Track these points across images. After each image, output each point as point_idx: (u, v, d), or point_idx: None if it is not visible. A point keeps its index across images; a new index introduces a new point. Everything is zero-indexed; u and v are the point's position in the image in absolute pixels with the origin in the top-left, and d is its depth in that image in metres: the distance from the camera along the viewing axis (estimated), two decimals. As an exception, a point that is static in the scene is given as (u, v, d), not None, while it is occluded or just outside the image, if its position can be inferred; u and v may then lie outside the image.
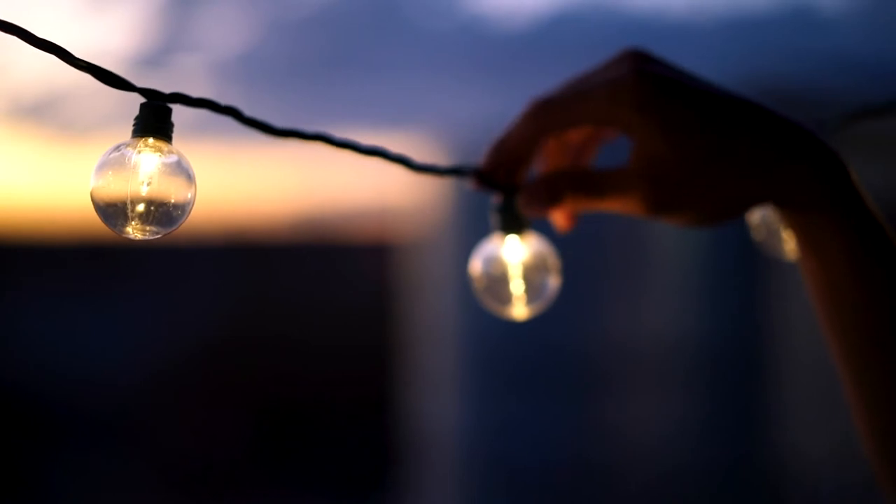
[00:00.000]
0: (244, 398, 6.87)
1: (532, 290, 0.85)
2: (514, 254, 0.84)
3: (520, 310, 0.85)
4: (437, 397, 5.03)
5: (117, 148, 0.69)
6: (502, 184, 0.85)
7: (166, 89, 0.71)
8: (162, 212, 0.69)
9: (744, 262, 4.75)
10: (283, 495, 6.41)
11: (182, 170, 0.69)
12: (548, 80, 0.84)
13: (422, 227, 5.43)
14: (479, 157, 0.86)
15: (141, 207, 0.68)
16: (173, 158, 0.69)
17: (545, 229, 0.88)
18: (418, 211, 5.46)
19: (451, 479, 5.06)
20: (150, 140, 0.69)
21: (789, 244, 0.97)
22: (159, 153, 0.69)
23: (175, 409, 6.70)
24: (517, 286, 0.85)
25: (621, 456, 4.68)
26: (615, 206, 0.82)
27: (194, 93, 0.72)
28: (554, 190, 0.82)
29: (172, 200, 0.69)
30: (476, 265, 0.85)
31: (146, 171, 0.69)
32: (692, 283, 4.89)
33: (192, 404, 6.71)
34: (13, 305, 7.13)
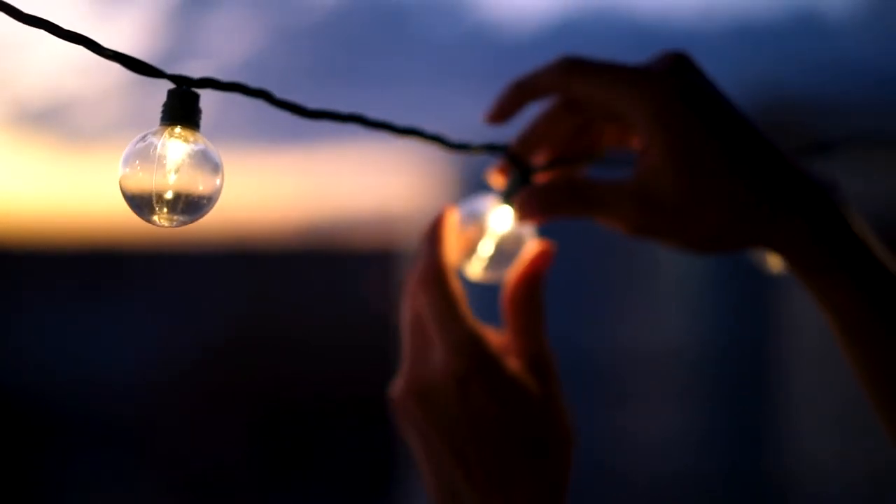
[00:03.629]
0: (249, 403, 6.88)
1: (496, 260, 0.85)
2: (499, 221, 0.84)
3: (475, 270, 0.85)
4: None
5: (144, 137, 0.68)
6: (522, 163, 0.84)
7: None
8: (189, 201, 0.68)
9: (749, 270, 4.74)
10: (286, 500, 6.41)
11: (209, 158, 0.68)
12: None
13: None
14: (485, 165, 0.86)
15: (168, 196, 0.67)
16: (200, 147, 0.68)
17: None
18: (421, 218, 5.46)
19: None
20: (178, 129, 0.68)
21: None
22: (186, 142, 0.68)
23: (180, 414, 6.71)
24: (486, 248, 0.85)
25: (627, 461, 4.67)
26: (605, 222, 0.81)
27: (201, 96, 0.71)
28: (548, 202, 0.82)
29: (200, 189, 0.68)
30: (457, 215, 0.85)
31: (173, 159, 0.68)
32: (697, 290, 4.89)
33: (197, 409, 6.72)
34: (19, 310, 7.14)
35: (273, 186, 6.85)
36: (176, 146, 0.68)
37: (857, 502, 4.33)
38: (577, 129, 0.85)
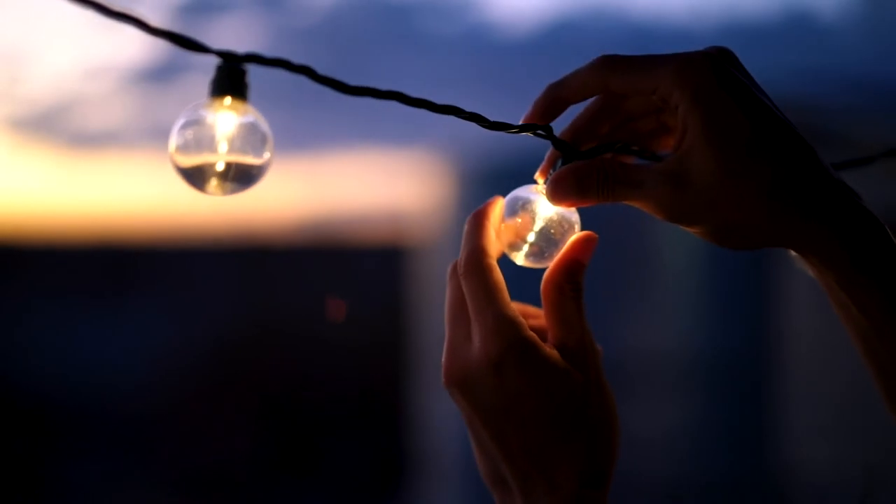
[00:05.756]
0: (254, 401, 6.87)
1: (544, 249, 0.86)
2: (546, 208, 0.85)
3: (523, 258, 0.86)
4: (448, 401, 5.02)
5: (195, 109, 0.70)
6: (564, 145, 0.85)
7: (175, 96, 0.71)
8: (241, 170, 0.69)
9: (753, 272, 4.76)
10: (294, 496, 6.40)
11: (259, 129, 0.70)
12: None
13: (431, 231, 5.44)
14: (489, 166, 0.86)
15: (220, 167, 0.69)
16: (250, 118, 0.70)
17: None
18: (428, 215, 5.47)
19: (460, 483, 5.05)
20: (227, 100, 0.70)
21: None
22: (236, 113, 0.70)
23: (186, 412, 6.70)
24: (533, 236, 0.86)
25: (628, 461, 4.68)
26: (638, 205, 0.81)
27: (204, 101, 0.72)
28: (581, 183, 0.81)
29: (251, 159, 0.70)
30: (502, 204, 0.86)
31: (224, 131, 0.69)
32: (699, 293, 4.90)
33: (203, 407, 6.71)
34: (27, 309, 7.13)
35: (281, 185, 6.86)
36: (226, 118, 0.70)
37: (856, 502, 4.33)
38: (618, 125, 0.86)
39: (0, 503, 6.24)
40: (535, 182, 0.87)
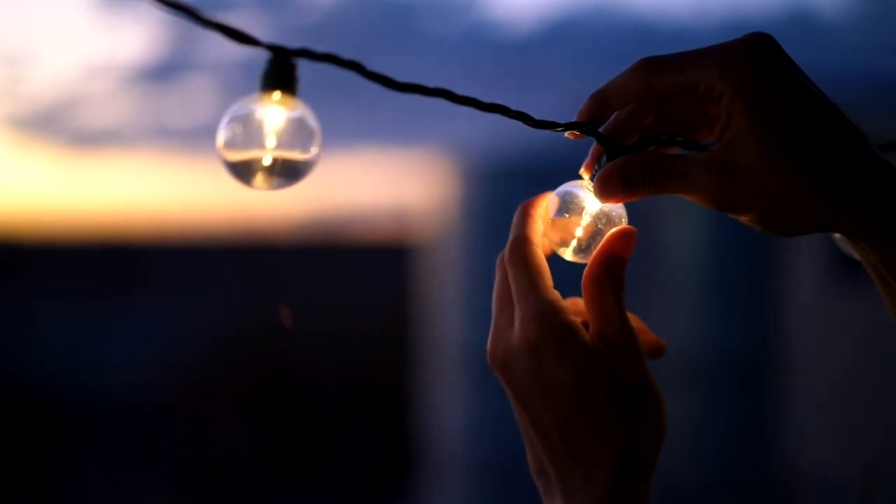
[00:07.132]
0: (258, 398, 6.88)
1: (592, 244, 0.86)
2: (592, 203, 0.86)
3: (572, 253, 0.87)
4: (453, 399, 5.04)
5: (244, 103, 0.70)
6: (610, 141, 0.85)
7: (176, 95, 0.71)
8: (288, 165, 0.70)
9: (753, 273, 4.77)
10: (295, 496, 6.41)
11: (307, 124, 0.70)
12: (551, 86, 0.84)
13: (436, 228, 5.45)
14: (486, 173, 0.86)
15: (267, 161, 0.69)
16: (298, 114, 0.70)
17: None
18: (432, 212, 5.48)
19: (464, 483, 5.06)
20: (276, 95, 0.70)
21: None
22: (285, 108, 0.70)
23: (190, 409, 6.72)
24: (581, 231, 0.87)
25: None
26: (685, 196, 0.81)
27: (204, 101, 0.71)
28: (629, 176, 0.82)
29: (298, 154, 0.70)
30: (553, 199, 0.87)
31: (272, 125, 0.69)
32: (702, 293, 4.91)
33: (206, 404, 6.72)
34: (30, 308, 7.14)
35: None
36: (275, 112, 0.70)
37: (856, 502, 4.34)
38: (661, 116, 0.86)
39: (6, 499, 6.26)
40: (578, 177, 0.87)
